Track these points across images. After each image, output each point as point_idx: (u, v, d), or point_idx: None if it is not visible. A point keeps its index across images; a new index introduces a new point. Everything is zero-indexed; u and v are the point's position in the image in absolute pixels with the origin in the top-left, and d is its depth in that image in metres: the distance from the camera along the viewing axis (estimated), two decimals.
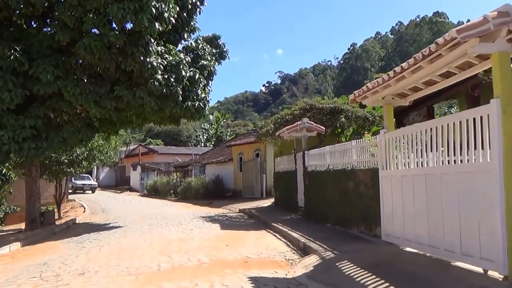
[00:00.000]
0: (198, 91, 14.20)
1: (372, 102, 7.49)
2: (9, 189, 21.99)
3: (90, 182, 40.03)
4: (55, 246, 9.97)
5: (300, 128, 13.33)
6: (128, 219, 15.70)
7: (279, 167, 17.39)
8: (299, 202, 14.12)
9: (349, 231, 9.06)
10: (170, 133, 70.16)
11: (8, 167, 19.37)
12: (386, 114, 7.45)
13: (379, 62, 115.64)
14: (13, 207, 23.60)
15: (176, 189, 29.96)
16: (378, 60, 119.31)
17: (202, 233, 10.93)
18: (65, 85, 11.93)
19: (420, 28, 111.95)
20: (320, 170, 11.52)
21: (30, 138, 12.06)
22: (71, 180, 35.04)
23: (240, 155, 27.22)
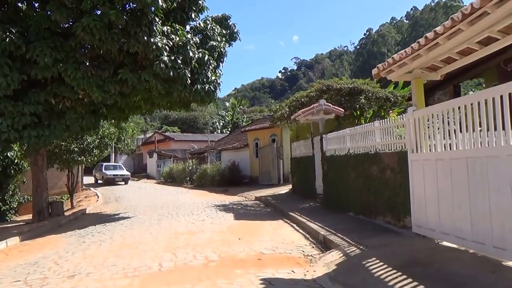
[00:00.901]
0: (207, 73, 13.38)
1: (398, 76, 6.54)
2: (22, 178, 21.81)
3: (122, 172, 34.61)
4: (55, 240, 9.42)
5: (316, 111, 12.42)
6: (139, 209, 15.14)
7: (296, 152, 16.54)
8: (318, 189, 13.29)
9: (374, 221, 8.20)
10: (186, 120, 69.86)
11: (20, 156, 19.06)
12: (415, 89, 6.50)
13: (395, 47, 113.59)
14: (26, 196, 23.45)
15: (192, 176, 29.46)
16: (394, 45, 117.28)
17: (214, 224, 10.21)
18: (65, 68, 11.23)
19: (435, 13, 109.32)
20: (339, 154, 10.63)
21: (31, 125, 11.49)
22: (100, 170, 34.67)
23: (256, 141, 26.42)
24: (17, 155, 19.47)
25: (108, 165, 35.89)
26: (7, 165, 20.30)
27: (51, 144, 17.53)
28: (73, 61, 11.47)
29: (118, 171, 34.46)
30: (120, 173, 34.18)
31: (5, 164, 20.08)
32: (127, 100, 13.28)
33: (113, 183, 32.40)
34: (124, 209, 15.58)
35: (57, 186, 25.33)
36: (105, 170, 33.77)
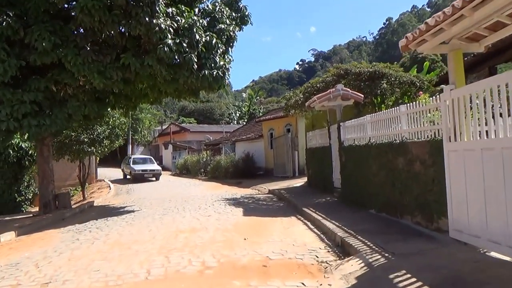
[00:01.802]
0: (216, 58, 12.40)
1: (432, 48, 5.44)
2: (37, 169, 21.32)
3: (152, 167, 28.99)
4: (50, 236, 8.71)
5: (333, 96, 11.35)
6: (146, 202, 14.41)
7: (311, 143, 15.51)
8: (335, 182, 12.27)
9: (400, 221, 7.16)
10: (203, 112, 69.33)
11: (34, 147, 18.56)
12: (453, 64, 5.39)
13: None
14: None
15: (206, 168, 28.76)
16: None
17: (220, 220, 9.31)
18: (65, 54, 10.45)
19: None
20: (359, 144, 9.57)
21: (31, 114, 10.78)
22: (128, 164, 29.49)
23: (270, 131, 25.43)
24: (31, 146, 18.98)
25: (137, 158, 31.27)
26: (22, 156, 19.85)
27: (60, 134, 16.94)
28: (73, 45, 10.67)
29: (148, 166, 29.18)
30: (150, 167, 28.75)
31: (20, 155, 19.62)
32: (132, 88, 12.47)
33: (142, 180, 27.37)
34: (131, 202, 14.89)
35: (71, 177, 24.89)
36: (133, 164, 28.73)
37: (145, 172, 27.94)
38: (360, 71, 12.92)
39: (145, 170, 28.01)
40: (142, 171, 27.83)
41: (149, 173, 27.98)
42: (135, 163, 29.02)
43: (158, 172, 28.37)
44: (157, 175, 28.24)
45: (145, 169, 28.17)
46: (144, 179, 27.43)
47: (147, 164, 29.49)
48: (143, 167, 28.48)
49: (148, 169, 28.30)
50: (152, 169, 28.54)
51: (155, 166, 29.38)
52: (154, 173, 28.20)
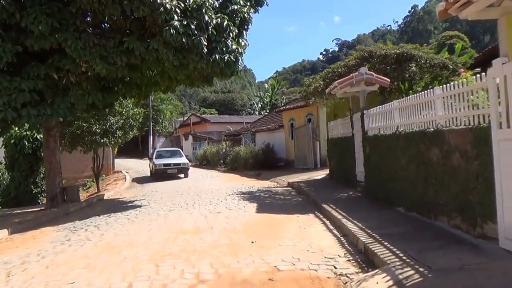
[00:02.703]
0: (228, 41, 11.48)
1: (478, 12, 4.35)
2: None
3: (177, 160, 23.37)
4: (43, 235, 8.09)
5: (356, 81, 10.28)
6: (157, 195, 13.76)
7: (333, 133, 14.45)
8: (358, 176, 11.24)
9: (435, 223, 6.12)
10: (224, 102, 68.74)
11: None
12: (506, 31, 4.31)
13: (443, 24, 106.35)
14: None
15: (226, 159, 28.00)
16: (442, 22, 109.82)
17: (229, 218, 8.46)
18: (65, 38, 9.73)
19: None
20: (385, 134, 8.51)
21: (31, 103, 10.14)
22: (151, 159, 24.87)
23: (291, 121, 24.41)
24: None
25: (161, 151, 26.49)
26: (37, 147, 19.55)
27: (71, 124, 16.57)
28: (73, 29, 9.94)
29: (172, 159, 23.52)
30: (175, 161, 23.06)
31: (35, 146, 19.31)
32: (139, 75, 11.69)
33: (165, 177, 22.04)
34: (142, 195, 14.29)
35: (88, 168, 24.54)
36: (156, 158, 23.76)
37: (168, 167, 22.23)
38: (386, 53, 11.76)
39: (168, 165, 22.35)
40: (164, 166, 22.25)
41: (173, 168, 22.27)
42: (159, 157, 24.04)
43: (184, 167, 22.76)
44: (185, 171, 22.83)
45: (167, 163, 22.56)
46: (169, 176, 22.00)
47: (172, 158, 23.99)
48: (166, 161, 23.01)
49: (171, 163, 22.62)
50: (177, 163, 22.77)
51: (181, 159, 23.58)
52: (179, 167, 22.43)
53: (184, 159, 23.70)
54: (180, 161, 23.17)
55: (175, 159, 23.60)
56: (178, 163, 22.75)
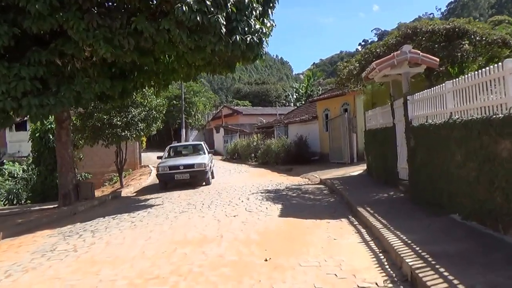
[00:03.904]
0: (250, 21, 10.17)
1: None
2: (78, 155, 20.55)
3: (192, 160, 15.97)
4: (31, 242, 7.18)
5: (398, 61, 8.72)
6: (175, 194, 12.82)
7: (371, 123, 12.90)
8: (401, 173, 9.73)
9: (504, 238, 4.62)
10: (258, 94, 67.63)
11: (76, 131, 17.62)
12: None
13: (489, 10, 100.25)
14: (84, 174, 22.41)
15: (257, 152, 26.77)
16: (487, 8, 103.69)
17: (246, 224, 7.21)
18: (67, 18, 8.73)
19: None
20: (434, 123, 6.96)
21: (33, 92, 9.25)
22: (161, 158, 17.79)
23: (325, 112, 22.85)
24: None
25: (176, 146, 19.92)
26: None
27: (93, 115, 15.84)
28: (76, 8, 8.89)
29: (185, 159, 16.38)
30: (187, 162, 15.77)
31: None
32: (151, 59, 10.60)
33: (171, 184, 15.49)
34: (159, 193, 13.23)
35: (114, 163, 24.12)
36: (165, 158, 17.20)
37: (175, 171, 15.03)
38: (434, 29, 10.05)
39: (175, 168, 15.12)
40: (170, 169, 15.13)
41: (183, 173, 14.96)
42: (170, 155, 17.65)
43: (201, 170, 15.20)
44: (202, 175, 15.26)
45: (175, 165, 15.33)
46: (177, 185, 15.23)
47: (188, 157, 17.00)
48: (176, 161, 15.88)
49: (181, 164, 15.30)
50: (190, 164, 15.35)
51: (198, 159, 16.03)
52: (193, 172, 15.09)
53: (202, 159, 15.96)
54: (196, 161, 15.51)
55: (190, 158, 16.33)
56: (191, 165, 15.12)
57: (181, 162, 15.44)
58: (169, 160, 16.43)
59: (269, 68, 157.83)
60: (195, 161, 15.54)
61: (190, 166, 15.10)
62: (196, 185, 15.10)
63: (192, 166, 15.13)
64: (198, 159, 15.80)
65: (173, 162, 15.77)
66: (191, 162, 15.40)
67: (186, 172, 14.88)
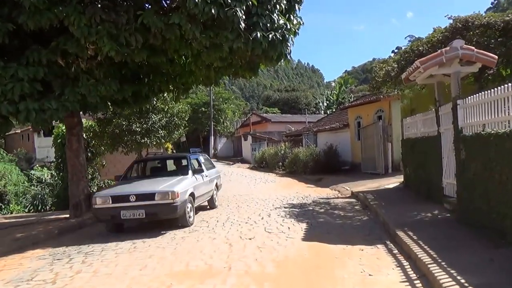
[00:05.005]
0: (273, 15, 9.07)
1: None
2: (101, 161, 20.03)
3: (155, 187, 8.80)
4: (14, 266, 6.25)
5: (447, 59, 7.41)
6: None
7: (410, 132, 11.52)
8: (446, 188, 8.36)
9: None
10: (288, 101, 66.44)
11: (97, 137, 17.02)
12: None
13: None
14: (107, 181, 21.86)
15: (284, 161, 25.60)
16: None
17: (263, 250, 6.05)
18: (67, 13, 7.89)
19: None
20: (493, 132, 5.63)
21: (33, 95, 8.46)
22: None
23: (357, 119, 21.44)
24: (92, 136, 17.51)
25: (144, 161, 12.02)
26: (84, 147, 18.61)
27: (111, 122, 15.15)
28: (77, 1, 8.05)
29: (143, 185, 9.33)
30: (143, 189, 8.88)
31: None
32: (163, 59, 9.65)
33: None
34: None
35: None
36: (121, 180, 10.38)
37: (123, 203, 8.50)
38: (489, 22, 8.64)
39: (122, 199, 8.58)
40: (114, 200, 8.62)
41: (137, 209, 8.38)
42: (129, 178, 10.66)
43: (168, 205, 8.38)
44: (170, 212, 8.45)
45: (123, 194, 8.71)
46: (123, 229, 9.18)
47: (153, 180, 9.74)
48: (127, 188, 9.17)
49: (133, 193, 8.61)
50: (149, 192, 8.64)
51: (166, 184, 8.97)
52: (151, 207, 8.39)
53: (173, 184, 8.98)
54: (158, 187, 8.84)
55: (154, 182, 9.42)
56: (148, 194, 8.59)
57: (133, 190, 8.75)
58: (119, 185, 9.83)
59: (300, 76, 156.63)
60: (157, 187, 8.72)
61: (148, 197, 8.42)
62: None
63: (151, 196, 8.42)
64: (165, 184, 8.89)
65: (121, 189, 9.17)
66: (149, 190, 8.63)
67: (141, 207, 8.29)
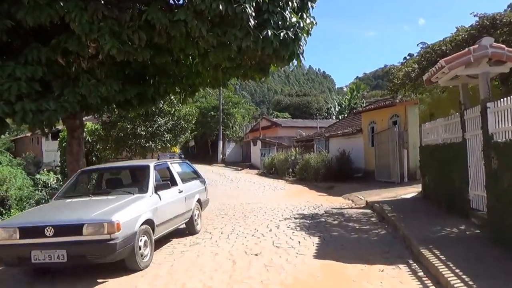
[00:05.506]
0: (285, 13, 8.46)
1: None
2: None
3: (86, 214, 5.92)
4: None
5: (475, 58, 6.72)
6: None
7: (429, 138, 10.80)
8: (474, 201, 7.64)
9: None
10: (299, 106, 65.80)
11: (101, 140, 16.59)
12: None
13: None
14: None
15: (295, 167, 24.88)
16: None
17: (269, 269, 5.42)
18: (68, 9, 7.39)
19: None
20: None
21: (31, 96, 7.95)
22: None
23: (371, 125, 20.71)
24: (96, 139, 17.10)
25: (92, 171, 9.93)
26: (88, 151, 18.18)
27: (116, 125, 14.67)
28: None
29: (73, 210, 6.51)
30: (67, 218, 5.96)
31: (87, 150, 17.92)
32: (168, 59, 9.10)
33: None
34: None
35: None
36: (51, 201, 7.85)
37: (35, 239, 5.64)
38: None
39: (35, 233, 5.67)
40: (23, 234, 5.70)
41: (55, 248, 5.50)
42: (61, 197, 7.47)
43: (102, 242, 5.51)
44: (104, 252, 5.55)
45: (38, 224, 5.73)
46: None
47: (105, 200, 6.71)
48: (47, 216, 6.23)
49: (51, 224, 5.65)
50: (73, 223, 5.69)
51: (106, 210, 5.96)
52: (74, 247, 5.55)
53: (115, 209, 6.00)
54: (90, 214, 5.86)
55: (92, 207, 6.33)
56: (72, 227, 5.65)
57: (51, 219, 5.95)
58: (38, 209, 7.94)
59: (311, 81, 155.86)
60: (87, 214, 5.93)
61: (71, 230, 5.68)
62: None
63: (76, 229, 5.65)
64: (100, 211, 6.01)
65: (35, 216, 6.59)
66: (74, 220, 5.84)
67: (61, 246, 5.57)
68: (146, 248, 6.22)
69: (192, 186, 9.03)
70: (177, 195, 7.93)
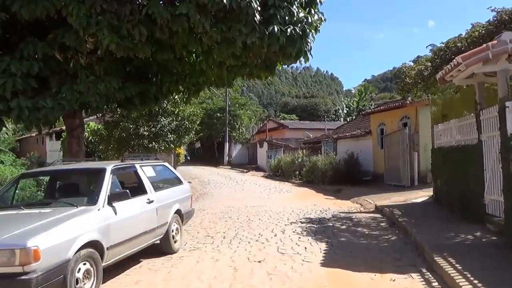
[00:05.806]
0: (292, 7, 8.15)
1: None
2: None
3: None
4: None
5: (494, 54, 6.33)
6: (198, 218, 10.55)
7: (442, 140, 10.38)
8: (490, 206, 7.22)
9: None
10: (306, 108, 65.44)
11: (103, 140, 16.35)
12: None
13: None
14: None
15: (302, 169, 24.47)
16: None
17: (273, 278, 5.04)
18: (65, 2, 7.12)
19: None
20: None
21: (27, 92, 7.70)
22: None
23: (381, 126, 20.24)
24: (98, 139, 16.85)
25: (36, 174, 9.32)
26: (91, 151, 17.98)
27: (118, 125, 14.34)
28: None
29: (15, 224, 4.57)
30: None
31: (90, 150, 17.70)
32: (170, 56, 8.80)
33: None
34: None
35: None
36: None
37: None
38: None
39: None
40: None
41: None
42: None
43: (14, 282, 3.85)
44: None
45: None
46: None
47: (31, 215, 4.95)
48: None
49: None
50: None
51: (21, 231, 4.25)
52: None
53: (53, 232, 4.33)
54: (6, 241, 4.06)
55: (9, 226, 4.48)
56: None
57: None
58: None
59: (319, 83, 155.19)
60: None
61: None
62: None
63: None
64: (15, 232, 4.25)
65: None
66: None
67: None
68: (88, 281, 4.57)
69: (169, 194, 7.21)
70: (144, 206, 6.15)
